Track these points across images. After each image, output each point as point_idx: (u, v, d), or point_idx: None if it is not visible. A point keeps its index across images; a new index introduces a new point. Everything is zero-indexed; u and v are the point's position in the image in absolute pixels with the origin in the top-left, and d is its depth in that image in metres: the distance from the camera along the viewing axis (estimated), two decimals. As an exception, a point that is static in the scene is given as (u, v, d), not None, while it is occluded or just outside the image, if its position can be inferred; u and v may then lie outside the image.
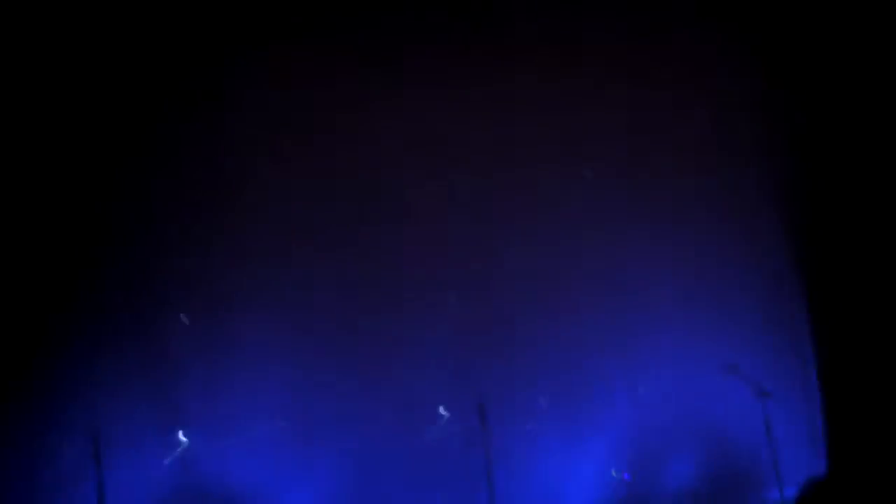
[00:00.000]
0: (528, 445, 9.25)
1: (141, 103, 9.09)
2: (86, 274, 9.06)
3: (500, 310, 9.50)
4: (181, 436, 9.21)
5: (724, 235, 9.60)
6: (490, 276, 9.50)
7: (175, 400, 9.18)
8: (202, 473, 9.07)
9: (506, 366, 9.36)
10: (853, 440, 8.45)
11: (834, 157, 8.83)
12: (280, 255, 9.36)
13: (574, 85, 9.44)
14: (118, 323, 9.10)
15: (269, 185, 9.41)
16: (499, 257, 9.51)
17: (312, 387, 9.23)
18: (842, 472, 8.33)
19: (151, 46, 9.07)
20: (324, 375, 9.25)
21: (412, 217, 9.43)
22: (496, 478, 8.07)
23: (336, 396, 9.24)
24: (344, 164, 9.39)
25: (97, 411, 8.54)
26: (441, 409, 9.47)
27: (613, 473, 9.52)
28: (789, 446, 8.68)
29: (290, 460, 9.06)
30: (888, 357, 8.31)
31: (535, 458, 9.27)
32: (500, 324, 9.49)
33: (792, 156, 9.12)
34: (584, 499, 9.24)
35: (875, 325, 8.39)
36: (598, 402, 9.49)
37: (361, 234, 9.45)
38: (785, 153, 9.20)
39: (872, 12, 8.65)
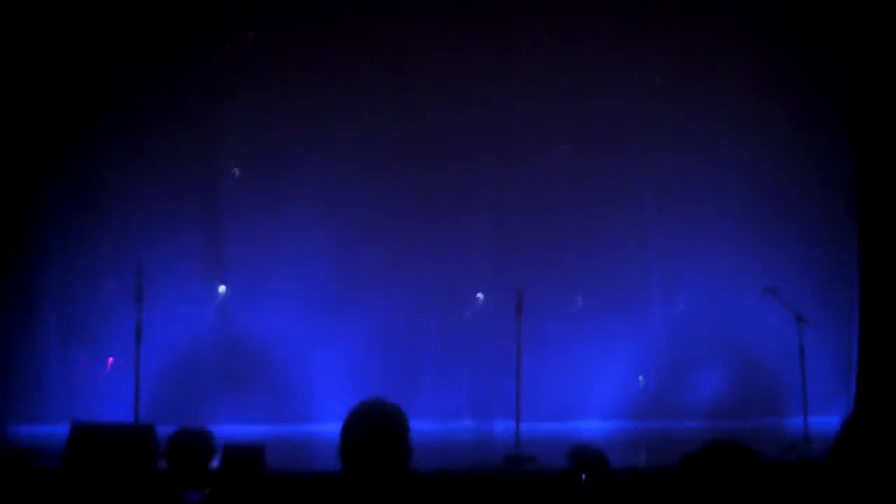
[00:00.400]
0: (559, 341, 9.31)
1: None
2: (144, 115, 9.13)
3: (546, 209, 9.50)
4: (221, 287, 9.36)
5: (775, 156, 9.50)
6: (536, 173, 9.48)
7: (219, 250, 9.31)
8: (238, 325, 9.24)
9: (546, 262, 9.40)
10: (885, 376, 8.41)
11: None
12: (334, 123, 9.37)
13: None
14: (173, 167, 9.20)
15: (330, 52, 9.38)
16: (547, 156, 9.48)
17: (352, 256, 9.32)
18: (870, 407, 8.34)
19: None
20: (364, 247, 9.33)
21: (465, 102, 9.41)
22: (524, 368, 8.14)
23: (375, 268, 9.33)
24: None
25: (143, 250, 8.67)
26: (478, 295, 9.54)
27: (640, 380, 9.58)
28: (820, 376, 8.66)
29: (323, 323, 9.20)
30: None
31: (565, 355, 9.34)
32: (545, 223, 9.49)
33: (848, 80, 8.94)
34: (607, 401, 9.32)
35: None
36: (635, 310, 9.52)
37: (413, 112, 9.44)
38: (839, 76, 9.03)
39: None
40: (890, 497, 3.09)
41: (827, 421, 8.44)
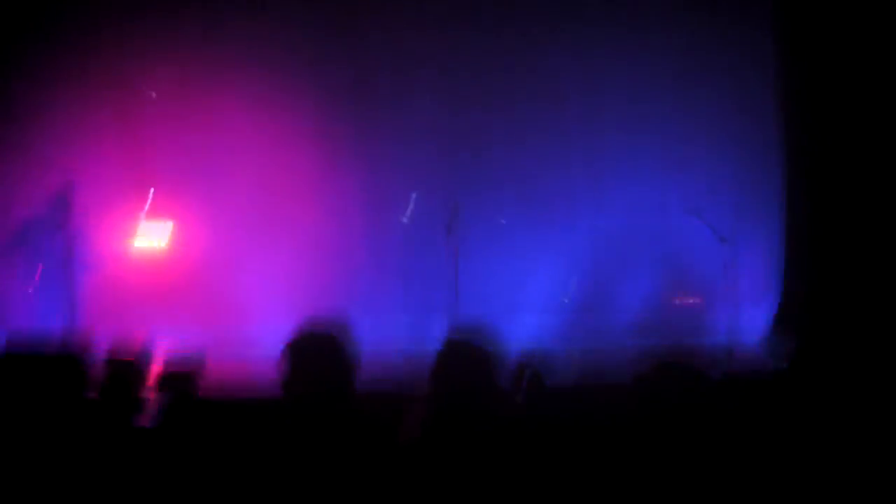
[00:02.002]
0: (491, 252, 9.37)
1: None
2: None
3: (483, 119, 9.47)
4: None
5: (706, 74, 9.55)
6: (475, 84, 9.43)
7: (147, 165, 9.14)
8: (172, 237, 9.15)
9: (479, 172, 9.40)
10: (804, 293, 8.61)
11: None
12: (261, 23, 9.19)
13: None
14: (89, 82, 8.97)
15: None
16: (488, 66, 9.43)
17: (284, 161, 9.22)
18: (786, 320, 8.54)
19: None
20: (296, 152, 9.23)
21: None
22: (460, 279, 8.20)
23: (308, 173, 9.25)
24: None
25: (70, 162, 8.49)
26: (412, 196, 9.52)
27: (564, 301, 9.69)
28: (742, 294, 8.83)
29: (257, 231, 9.14)
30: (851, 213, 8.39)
31: (497, 266, 9.40)
32: (479, 132, 9.47)
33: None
34: (531, 321, 9.41)
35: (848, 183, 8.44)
36: (561, 223, 9.59)
37: (346, 8, 9.28)
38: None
39: None
40: (821, 416, 3.20)
41: (749, 339, 8.63)
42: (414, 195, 9.53)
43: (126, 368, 5.79)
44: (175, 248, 9.13)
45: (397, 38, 9.39)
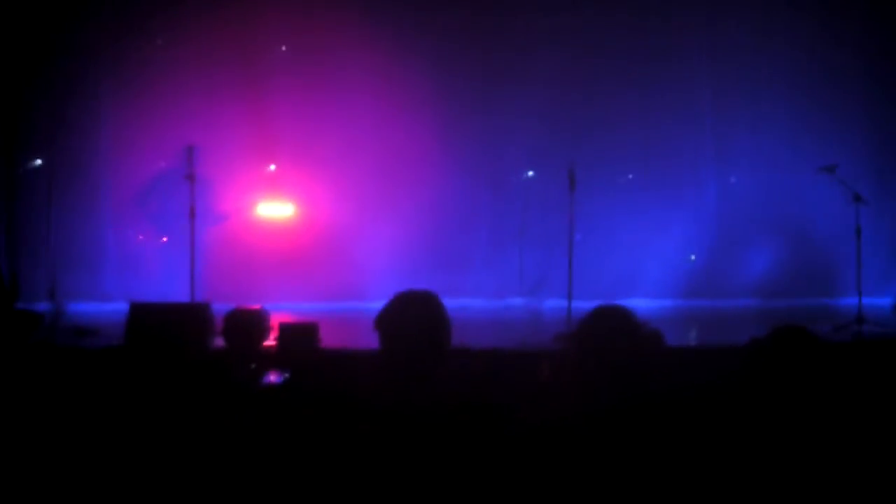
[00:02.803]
0: (611, 218, 9.29)
1: None
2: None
3: (601, 82, 9.37)
4: (271, 167, 9.40)
5: (839, 29, 9.26)
6: (592, 51, 9.33)
7: (270, 130, 9.32)
8: (289, 205, 9.32)
9: (598, 137, 9.31)
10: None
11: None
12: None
13: None
14: (217, 45, 9.15)
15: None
16: (600, 28, 9.31)
17: (404, 134, 9.29)
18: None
19: None
20: (416, 123, 9.28)
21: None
22: (575, 243, 8.16)
23: (427, 145, 9.30)
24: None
25: (192, 130, 8.70)
26: (529, 172, 9.51)
27: (692, 259, 9.56)
28: (875, 257, 8.57)
29: (374, 202, 9.24)
30: None
31: (617, 231, 9.33)
32: (598, 95, 9.38)
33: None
34: (658, 279, 9.31)
35: None
36: (686, 184, 9.45)
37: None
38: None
39: None
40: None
41: (880, 302, 8.39)
42: (531, 173, 9.49)
43: (249, 318, 5.96)
44: (298, 213, 9.30)
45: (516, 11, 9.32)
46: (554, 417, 3.16)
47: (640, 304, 8.86)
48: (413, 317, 3.27)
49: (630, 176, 9.35)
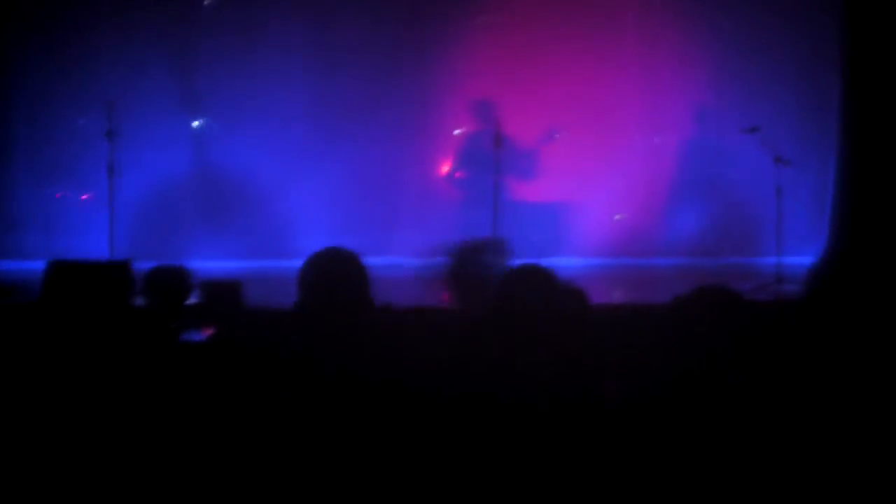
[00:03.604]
0: (537, 174, 9.32)
1: None
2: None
3: (531, 39, 9.36)
4: (195, 123, 9.24)
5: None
6: (525, 8, 9.32)
7: (194, 84, 9.17)
8: (214, 161, 9.19)
9: (525, 92, 9.31)
10: (859, 219, 8.46)
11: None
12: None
13: None
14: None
15: None
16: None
17: (331, 89, 9.21)
18: (842, 249, 8.41)
19: None
20: (345, 79, 9.21)
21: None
22: (501, 203, 8.17)
23: (356, 101, 9.24)
24: None
25: (113, 85, 8.53)
26: (456, 130, 9.49)
27: (617, 218, 9.64)
28: (796, 217, 8.71)
29: (301, 158, 9.16)
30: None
31: (543, 188, 9.37)
32: (528, 53, 9.37)
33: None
34: (583, 237, 9.38)
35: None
36: (613, 144, 9.51)
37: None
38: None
39: None
40: (863, 335, 3.16)
41: (800, 261, 8.53)
42: (458, 131, 9.46)
43: (171, 276, 5.86)
44: (222, 169, 9.17)
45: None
46: (477, 378, 3.15)
47: (567, 262, 8.95)
48: (332, 273, 3.22)
49: (556, 135, 9.36)
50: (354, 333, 3.26)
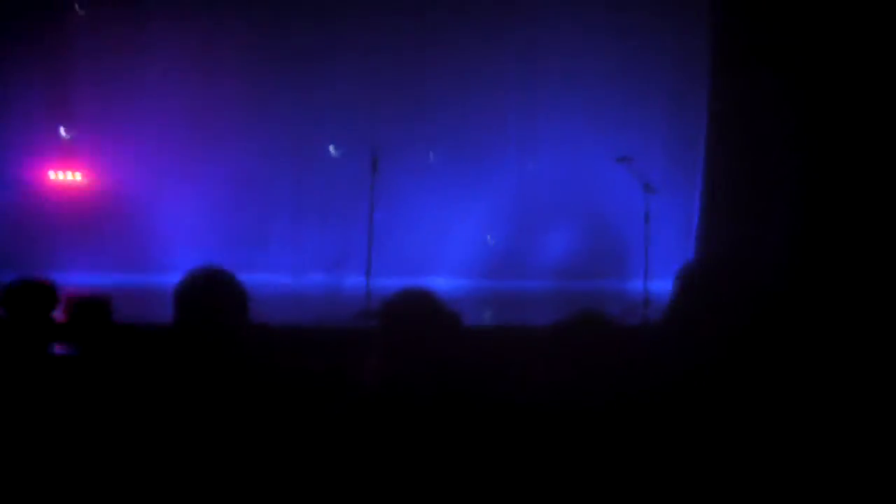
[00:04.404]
0: (413, 196, 9.36)
1: None
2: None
3: (411, 61, 9.41)
4: (62, 131, 9.02)
5: (634, 27, 9.60)
6: (403, 30, 9.37)
7: (64, 92, 8.94)
8: (83, 169, 8.99)
9: (402, 119, 9.35)
10: (725, 244, 8.75)
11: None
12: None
13: None
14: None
15: None
16: (413, 16, 9.36)
17: (208, 99, 9.09)
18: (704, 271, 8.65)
19: None
20: (221, 89, 9.10)
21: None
22: (377, 223, 8.18)
23: (232, 113, 9.14)
24: None
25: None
26: (331, 148, 9.46)
27: (489, 239, 9.74)
28: (662, 242, 8.94)
29: (173, 170, 9.02)
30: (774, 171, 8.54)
31: (419, 210, 9.42)
32: (407, 74, 9.42)
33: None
34: (457, 258, 9.46)
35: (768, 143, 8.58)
36: (487, 168, 9.62)
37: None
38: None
39: None
40: (722, 354, 3.28)
41: (666, 285, 8.74)
42: (332, 148, 9.45)
43: (35, 289, 5.68)
44: (92, 179, 8.96)
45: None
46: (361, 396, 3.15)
47: (440, 283, 9.00)
48: (210, 292, 3.18)
49: (431, 155, 9.42)
50: (232, 352, 3.23)
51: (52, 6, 8.94)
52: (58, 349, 4.70)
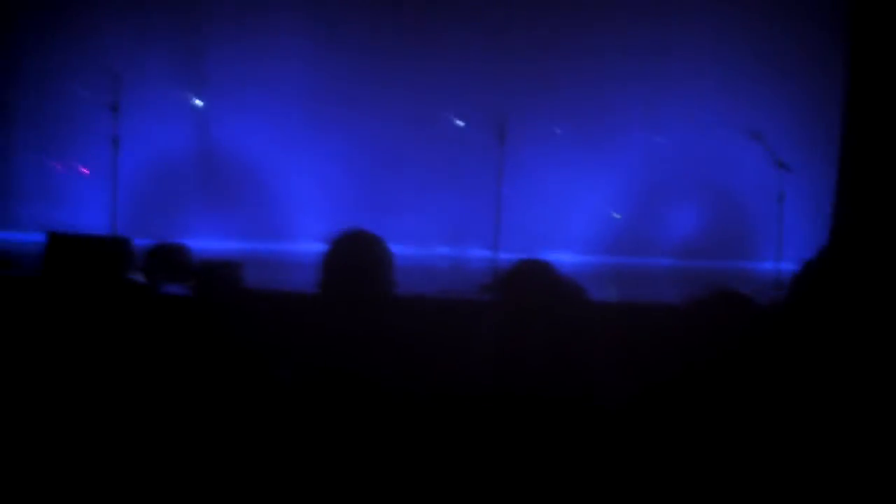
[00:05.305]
0: (539, 170, 9.31)
1: None
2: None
3: (538, 35, 9.34)
4: (196, 100, 9.22)
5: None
6: (532, 4, 9.30)
7: (197, 61, 9.13)
8: (216, 140, 9.17)
9: (528, 89, 9.29)
10: (860, 225, 8.48)
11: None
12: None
13: None
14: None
15: None
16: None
17: (334, 72, 9.18)
18: (841, 252, 8.41)
19: None
20: (348, 62, 9.17)
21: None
22: (504, 194, 8.17)
23: (359, 84, 9.21)
24: None
25: (117, 58, 8.50)
26: (457, 121, 9.47)
27: (616, 216, 9.64)
28: (797, 222, 8.71)
29: (302, 140, 9.15)
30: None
31: (545, 183, 9.36)
32: (535, 48, 9.34)
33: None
34: (582, 234, 9.39)
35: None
36: (615, 142, 9.50)
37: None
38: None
39: None
40: (852, 339, 3.17)
41: (796, 268, 8.51)
42: (460, 122, 9.44)
43: (171, 254, 5.85)
44: (222, 150, 9.15)
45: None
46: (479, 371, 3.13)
47: (565, 258, 8.96)
48: (360, 257, 3.18)
49: (558, 131, 9.35)
50: (378, 320, 3.23)
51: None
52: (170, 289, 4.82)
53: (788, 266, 8.15)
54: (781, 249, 8.17)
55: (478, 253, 8.88)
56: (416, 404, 3.06)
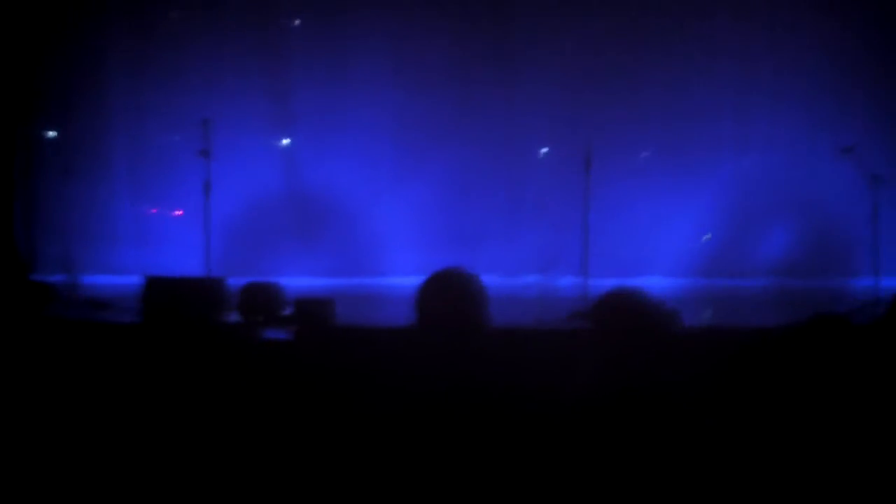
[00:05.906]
0: (625, 195, 9.26)
1: None
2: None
3: (624, 60, 9.31)
4: (285, 140, 9.38)
5: (856, 15, 9.19)
6: (608, 25, 9.28)
7: (285, 102, 9.30)
8: (305, 178, 9.31)
9: (616, 114, 9.26)
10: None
11: None
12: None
13: None
14: (236, 18, 9.14)
15: None
16: (623, 9, 9.26)
17: (419, 107, 9.26)
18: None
19: None
20: (432, 97, 9.26)
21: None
22: (592, 220, 8.14)
23: (444, 119, 9.28)
24: None
25: (208, 103, 8.69)
26: (543, 149, 9.47)
27: (706, 238, 9.53)
28: (894, 236, 8.51)
29: (389, 175, 9.24)
30: None
31: (632, 210, 9.30)
32: (621, 73, 9.31)
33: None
34: (672, 258, 9.29)
35: None
36: (701, 165, 9.41)
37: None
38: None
39: None
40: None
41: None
42: (545, 150, 9.45)
43: (264, 293, 5.95)
44: (309, 186, 9.29)
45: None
46: (568, 400, 3.13)
47: (656, 282, 8.87)
48: (454, 294, 3.22)
49: (644, 154, 9.30)
50: (472, 353, 3.26)
51: (268, 19, 9.30)
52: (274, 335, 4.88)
53: (888, 282, 7.97)
54: (879, 264, 7.98)
55: (567, 280, 8.84)
56: (515, 437, 3.06)
